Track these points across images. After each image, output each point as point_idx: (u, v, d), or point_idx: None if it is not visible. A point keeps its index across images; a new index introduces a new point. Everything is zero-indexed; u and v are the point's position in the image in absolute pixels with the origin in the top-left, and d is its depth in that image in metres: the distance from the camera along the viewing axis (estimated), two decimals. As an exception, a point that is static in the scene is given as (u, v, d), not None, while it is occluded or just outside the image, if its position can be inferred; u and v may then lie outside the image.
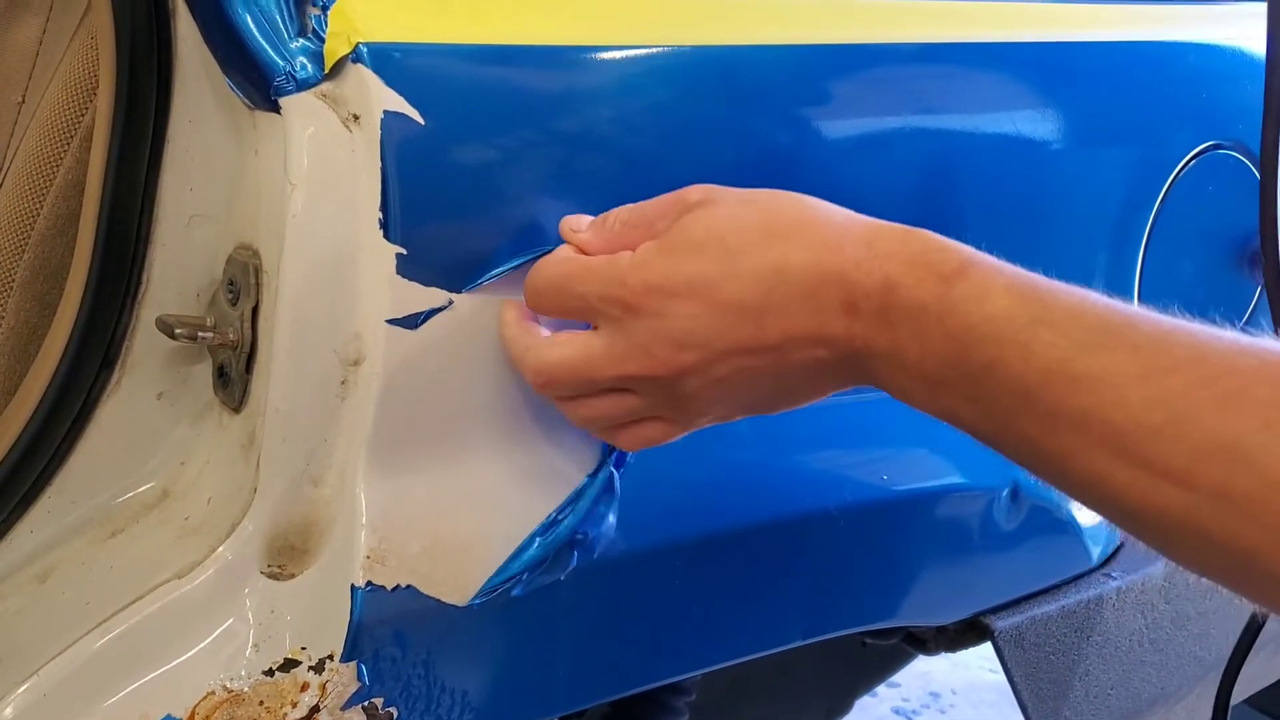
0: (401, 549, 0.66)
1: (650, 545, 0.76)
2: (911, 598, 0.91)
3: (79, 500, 0.71)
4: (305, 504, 0.67)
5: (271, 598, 0.66)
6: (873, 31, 0.84)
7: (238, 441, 0.70)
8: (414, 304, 0.65)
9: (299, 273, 0.64)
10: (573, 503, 0.70)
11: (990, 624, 0.97)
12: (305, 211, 0.64)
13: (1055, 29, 0.95)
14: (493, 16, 0.69)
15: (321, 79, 0.64)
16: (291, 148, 0.63)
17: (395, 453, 0.67)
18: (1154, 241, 1.02)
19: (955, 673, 2.49)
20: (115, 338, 0.70)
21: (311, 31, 0.65)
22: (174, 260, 0.70)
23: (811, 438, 0.85)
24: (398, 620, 0.66)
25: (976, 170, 0.89)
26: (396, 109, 0.63)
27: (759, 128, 0.78)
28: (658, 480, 0.76)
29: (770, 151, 0.78)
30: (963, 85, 0.89)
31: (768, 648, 0.84)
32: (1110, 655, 1.05)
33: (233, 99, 0.67)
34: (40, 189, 0.77)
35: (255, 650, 0.65)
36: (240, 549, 0.66)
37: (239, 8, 0.64)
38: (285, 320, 0.64)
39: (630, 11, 0.74)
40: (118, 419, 0.71)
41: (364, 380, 0.66)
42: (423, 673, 0.68)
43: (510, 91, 0.67)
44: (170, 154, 0.69)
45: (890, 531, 0.88)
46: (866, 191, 0.84)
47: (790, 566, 0.82)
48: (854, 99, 0.83)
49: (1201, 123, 1.03)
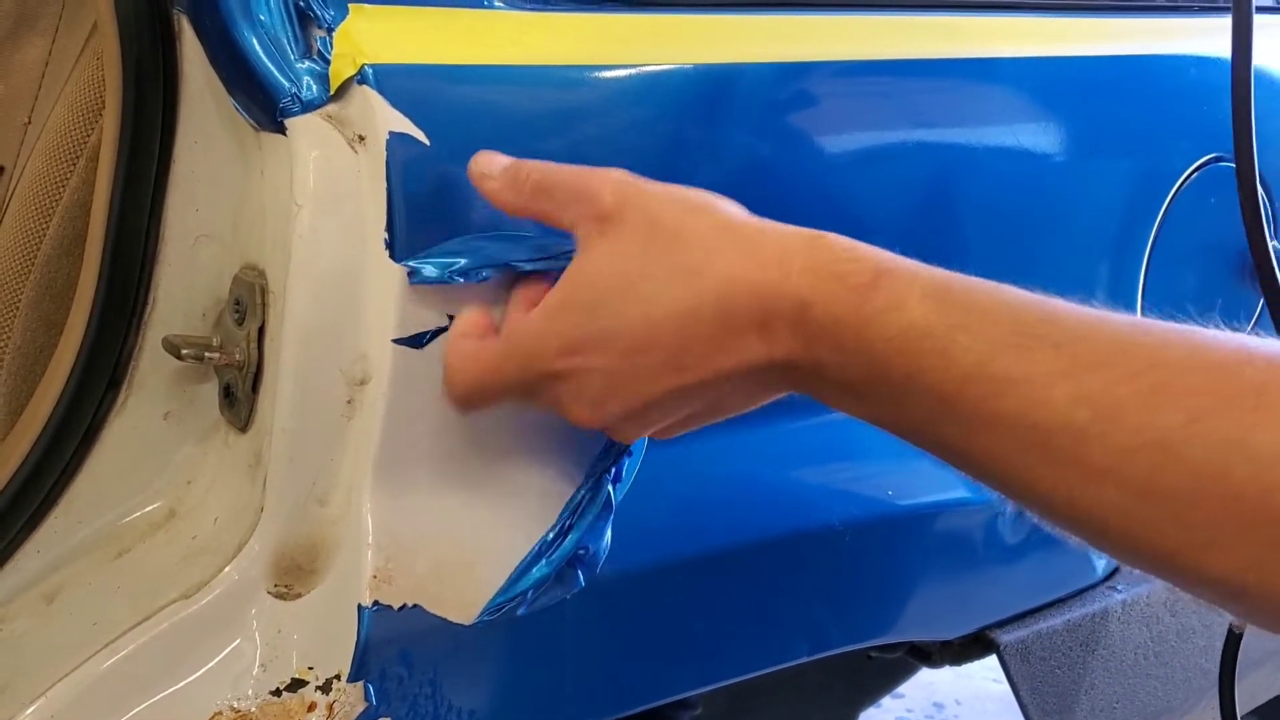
0: (408, 568, 0.66)
1: (656, 562, 0.76)
2: (917, 612, 0.91)
3: (85, 520, 0.71)
4: (312, 524, 0.67)
5: (278, 618, 0.66)
6: (876, 48, 0.84)
7: (244, 461, 0.70)
8: (419, 323, 0.65)
9: (305, 293, 0.64)
10: (574, 518, 0.70)
11: (996, 638, 0.97)
12: (311, 232, 0.64)
13: (1057, 44, 0.95)
14: (495, 37, 0.69)
15: (327, 100, 0.64)
16: (297, 169, 0.64)
17: (401, 472, 0.67)
18: (1157, 254, 1.02)
19: (959, 683, 2.48)
20: (121, 358, 0.70)
21: (316, 53, 0.65)
22: (180, 280, 0.70)
23: (816, 453, 0.85)
24: (404, 640, 0.66)
25: (979, 185, 0.89)
26: (402, 130, 0.63)
27: (759, 145, 0.78)
28: (664, 497, 0.76)
29: (769, 170, 0.79)
30: (965, 101, 0.89)
31: (774, 664, 0.84)
32: (1115, 669, 1.05)
33: (238, 120, 0.67)
34: (46, 210, 0.77)
35: (262, 670, 0.65)
36: (247, 569, 0.66)
37: (245, 29, 0.64)
38: (291, 340, 0.64)
39: (629, 32, 0.74)
40: (124, 439, 0.71)
41: (370, 400, 0.66)
42: (430, 692, 0.68)
43: (514, 111, 0.68)
44: (176, 175, 0.69)
45: (896, 546, 0.88)
46: (869, 208, 0.84)
47: (796, 582, 0.82)
48: (856, 115, 0.83)
49: (1203, 135, 1.03)
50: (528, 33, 0.70)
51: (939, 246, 0.56)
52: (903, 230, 0.85)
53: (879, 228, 0.60)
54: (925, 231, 0.87)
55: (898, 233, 0.60)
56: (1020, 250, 0.94)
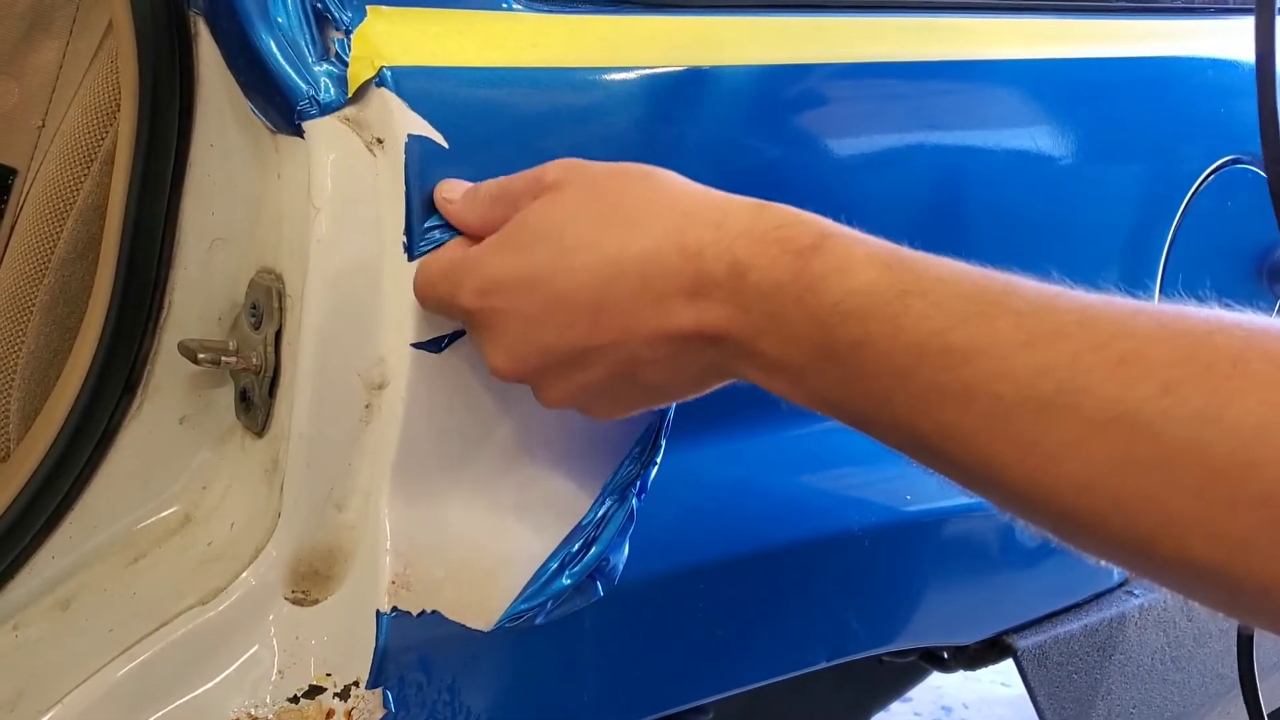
0: (426, 574, 0.66)
1: (676, 568, 0.75)
2: (935, 617, 0.90)
3: (101, 526, 0.71)
4: (329, 529, 0.67)
5: (296, 624, 0.66)
6: (893, 49, 0.83)
7: (260, 466, 0.69)
8: (437, 327, 0.65)
9: (323, 296, 0.64)
10: (598, 530, 0.69)
11: (1013, 643, 0.97)
12: (329, 235, 0.63)
13: (1073, 45, 0.95)
14: (513, 40, 0.69)
15: (345, 103, 0.64)
16: (315, 172, 0.63)
17: (419, 477, 0.66)
18: (1174, 256, 1.02)
19: (968, 687, 2.48)
20: (137, 362, 0.70)
21: (334, 55, 0.64)
22: (196, 284, 0.70)
23: (834, 458, 0.85)
24: (423, 646, 0.66)
25: (996, 187, 0.89)
26: (420, 132, 0.63)
27: (774, 148, 0.78)
28: (683, 503, 0.75)
29: (784, 172, 0.78)
30: (981, 103, 0.89)
31: (792, 670, 0.83)
32: (1133, 674, 1.05)
33: (255, 123, 0.67)
34: (60, 213, 0.77)
35: (280, 677, 0.65)
36: (264, 574, 0.66)
37: (262, 31, 0.63)
38: (309, 344, 0.64)
39: (647, 34, 0.74)
40: (140, 444, 0.71)
41: (388, 404, 0.65)
42: (448, 698, 0.67)
43: (531, 114, 0.67)
44: (192, 178, 0.69)
45: (914, 551, 0.87)
46: (883, 209, 0.84)
47: (816, 588, 0.82)
48: (872, 117, 0.83)
49: (1220, 137, 1.03)
50: (545, 35, 0.70)
51: (952, 248, 0.55)
52: (916, 232, 0.85)
53: (892, 229, 0.60)
54: (939, 233, 0.87)
55: (913, 232, 0.59)
56: (1036, 252, 0.93)
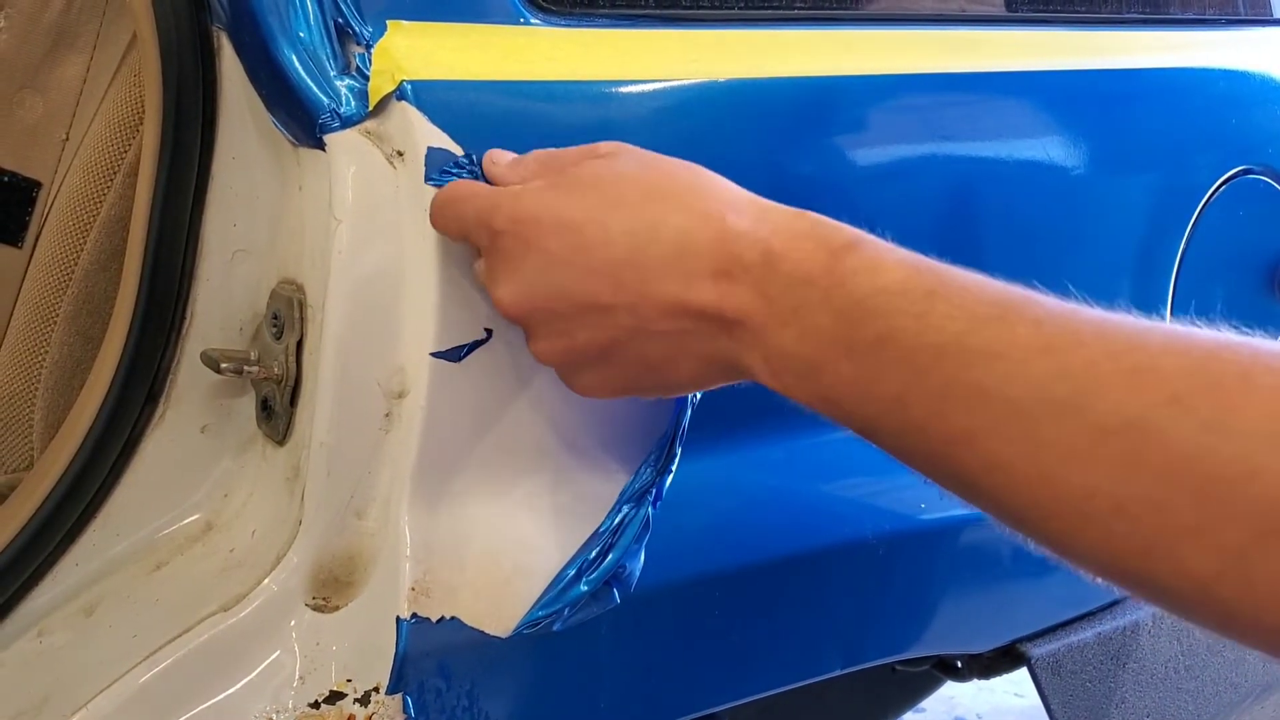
0: (445, 581, 0.67)
1: (692, 576, 0.76)
2: (949, 625, 0.91)
3: (124, 533, 0.71)
4: (350, 536, 0.68)
5: (317, 630, 0.66)
6: (908, 62, 0.84)
7: (282, 474, 0.70)
8: (458, 337, 0.66)
9: (344, 306, 0.65)
10: (615, 537, 0.70)
11: (1026, 651, 0.97)
12: (350, 246, 0.64)
13: (1085, 57, 0.95)
14: (532, 53, 0.70)
15: (366, 116, 0.65)
16: (336, 184, 0.64)
17: (439, 485, 0.67)
18: (1186, 265, 1.02)
19: (980, 696, 2.47)
20: (160, 372, 0.70)
21: (355, 69, 0.65)
22: (218, 295, 0.71)
23: (848, 467, 0.85)
24: (442, 652, 0.66)
25: (1009, 197, 0.89)
26: (440, 145, 0.64)
27: (792, 159, 0.78)
28: (698, 511, 0.76)
29: (801, 184, 0.79)
30: (994, 115, 0.89)
31: (806, 677, 0.83)
32: (1146, 682, 1.05)
33: (276, 136, 0.68)
34: (84, 224, 0.78)
35: (301, 683, 0.65)
36: (285, 581, 0.67)
37: (284, 46, 0.64)
38: (330, 354, 0.65)
39: (664, 48, 0.75)
40: (162, 452, 0.71)
41: (408, 413, 0.66)
42: (468, 704, 0.68)
43: (550, 126, 0.68)
44: (214, 190, 0.70)
45: (929, 559, 0.88)
46: (897, 219, 0.84)
47: (830, 595, 0.82)
48: (887, 129, 0.84)
49: (1231, 147, 1.03)
50: (563, 49, 0.71)
51: (967, 259, 0.55)
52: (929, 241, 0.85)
53: (906, 239, 0.60)
54: (953, 241, 0.87)
55: (924, 241, 0.60)
56: (1050, 261, 0.94)
